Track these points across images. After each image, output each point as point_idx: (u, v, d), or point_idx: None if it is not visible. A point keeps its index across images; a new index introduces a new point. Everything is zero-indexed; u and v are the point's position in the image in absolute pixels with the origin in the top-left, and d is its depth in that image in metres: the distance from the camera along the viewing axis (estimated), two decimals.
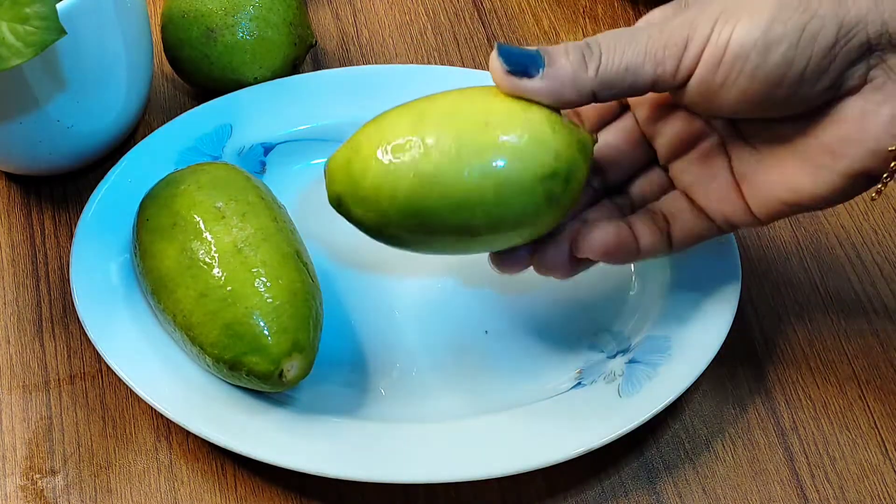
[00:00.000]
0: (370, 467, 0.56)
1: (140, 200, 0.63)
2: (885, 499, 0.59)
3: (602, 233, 0.56)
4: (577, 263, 0.57)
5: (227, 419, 0.58)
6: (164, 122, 0.68)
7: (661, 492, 0.59)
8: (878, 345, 0.63)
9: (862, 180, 0.53)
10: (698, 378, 0.59)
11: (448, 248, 0.56)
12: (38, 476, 0.60)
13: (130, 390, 0.60)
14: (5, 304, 0.65)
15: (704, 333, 0.60)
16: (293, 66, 0.71)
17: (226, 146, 0.68)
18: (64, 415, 0.61)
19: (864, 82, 0.52)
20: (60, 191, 0.69)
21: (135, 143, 0.68)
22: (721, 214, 0.57)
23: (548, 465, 0.56)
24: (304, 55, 0.72)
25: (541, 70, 0.53)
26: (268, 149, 0.68)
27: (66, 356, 0.63)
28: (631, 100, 0.58)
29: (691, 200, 0.57)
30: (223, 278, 0.58)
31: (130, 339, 0.60)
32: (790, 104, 0.52)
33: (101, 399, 0.62)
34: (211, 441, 0.57)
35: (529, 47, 0.54)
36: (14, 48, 0.56)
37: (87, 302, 0.61)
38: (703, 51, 0.52)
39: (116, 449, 0.60)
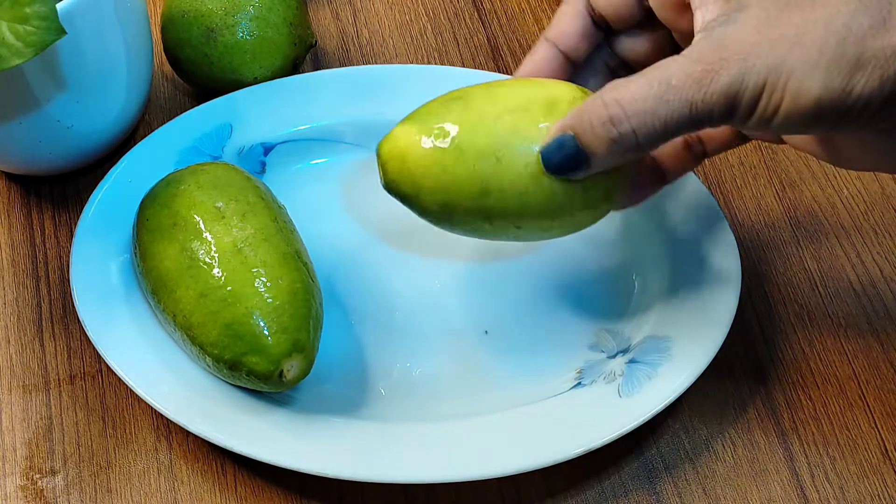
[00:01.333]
0: (370, 467, 0.56)
1: (140, 200, 0.63)
2: (885, 499, 0.59)
3: None
4: None
5: (227, 419, 0.58)
6: (164, 122, 0.68)
7: (661, 492, 0.59)
8: (878, 345, 0.63)
9: None
10: (698, 378, 0.59)
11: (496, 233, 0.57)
12: (38, 476, 0.60)
13: (130, 390, 0.60)
14: (5, 304, 0.65)
15: (704, 333, 0.60)
16: (293, 66, 0.71)
17: (226, 146, 0.68)
18: (64, 415, 0.61)
19: None
20: (60, 191, 0.69)
21: (135, 143, 0.68)
22: None
23: (548, 465, 0.56)
24: (304, 55, 0.72)
25: (587, 162, 0.52)
26: (268, 149, 0.68)
27: (66, 356, 0.63)
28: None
29: None
30: (223, 278, 0.58)
31: (130, 339, 0.60)
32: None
33: (101, 399, 0.62)
34: (211, 441, 0.57)
35: (556, 134, 0.52)
36: (14, 48, 0.56)
37: (87, 302, 0.61)
38: (747, 118, 0.49)
39: (116, 449, 0.60)
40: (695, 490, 0.59)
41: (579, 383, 0.60)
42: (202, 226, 0.59)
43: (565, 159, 0.52)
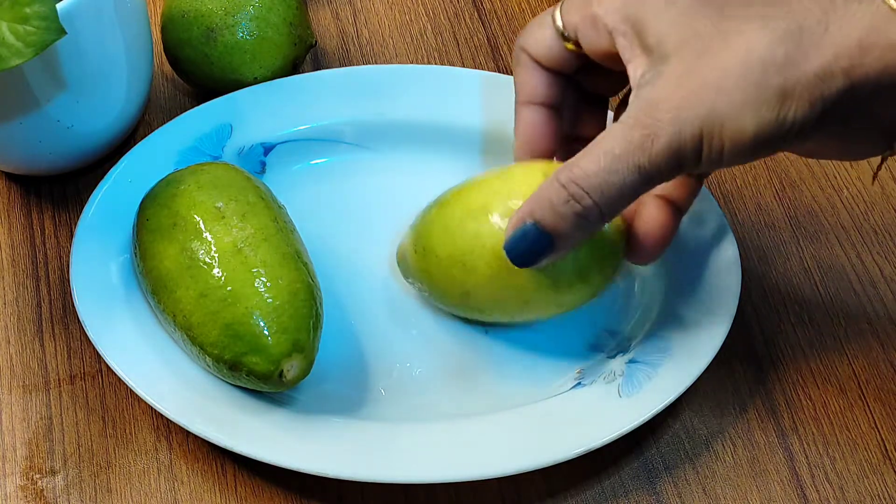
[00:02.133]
0: (370, 467, 0.56)
1: (140, 200, 0.63)
2: (885, 499, 0.59)
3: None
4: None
5: (227, 419, 0.58)
6: (164, 122, 0.68)
7: (661, 492, 0.59)
8: (878, 345, 0.63)
9: None
10: (698, 378, 0.59)
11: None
12: (38, 476, 0.60)
13: (130, 390, 0.60)
14: (5, 304, 0.65)
15: (704, 333, 0.60)
16: (293, 66, 0.71)
17: (226, 146, 0.68)
18: (64, 415, 0.61)
19: (844, 127, 0.52)
20: (60, 191, 0.69)
21: (135, 143, 0.68)
22: None
23: (548, 465, 0.56)
24: (304, 55, 0.72)
25: (553, 246, 0.53)
26: (268, 149, 0.68)
27: (66, 356, 0.63)
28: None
29: None
30: (223, 278, 0.58)
31: (130, 339, 0.60)
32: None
33: (101, 399, 0.62)
34: (211, 441, 0.57)
35: (517, 224, 0.54)
36: (14, 48, 0.56)
37: (87, 302, 0.61)
38: (695, 166, 0.51)
39: (116, 449, 0.60)
40: (695, 490, 0.59)
41: (579, 383, 0.60)
42: (202, 226, 0.59)
43: (530, 247, 0.54)
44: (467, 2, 0.78)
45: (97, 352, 0.61)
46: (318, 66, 0.75)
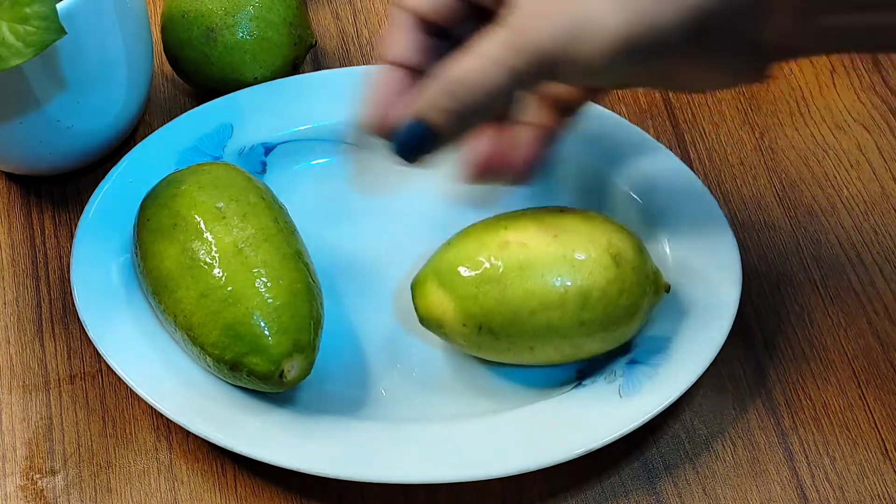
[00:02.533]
0: (370, 467, 0.56)
1: (140, 200, 0.63)
2: (885, 499, 0.59)
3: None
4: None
5: (227, 419, 0.58)
6: (164, 122, 0.68)
7: (661, 492, 0.59)
8: (878, 345, 0.63)
9: None
10: (698, 378, 0.59)
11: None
12: (38, 476, 0.60)
13: (130, 390, 0.60)
14: (5, 304, 0.65)
15: (704, 333, 0.60)
16: (293, 66, 0.71)
17: (226, 146, 0.68)
18: (64, 415, 0.61)
19: (718, 47, 0.52)
20: (60, 191, 0.69)
21: (135, 143, 0.68)
22: None
23: (548, 466, 0.56)
24: (304, 55, 0.72)
25: (435, 139, 0.55)
26: (268, 149, 0.68)
27: (66, 356, 0.63)
28: None
29: None
30: (224, 279, 0.58)
31: (130, 339, 0.60)
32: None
33: (101, 399, 0.62)
34: (211, 441, 0.57)
35: (412, 121, 0.55)
36: (14, 48, 0.56)
37: (87, 302, 0.61)
38: (566, 72, 0.52)
39: (116, 449, 0.60)
40: (695, 490, 0.59)
41: (579, 383, 0.60)
42: (203, 226, 0.59)
43: (417, 142, 0.55)
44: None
45: (97, 352, 0.61)
46: (318, 66, 0.75)
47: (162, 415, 0.59)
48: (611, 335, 0.58)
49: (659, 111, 0.72)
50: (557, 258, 0.57)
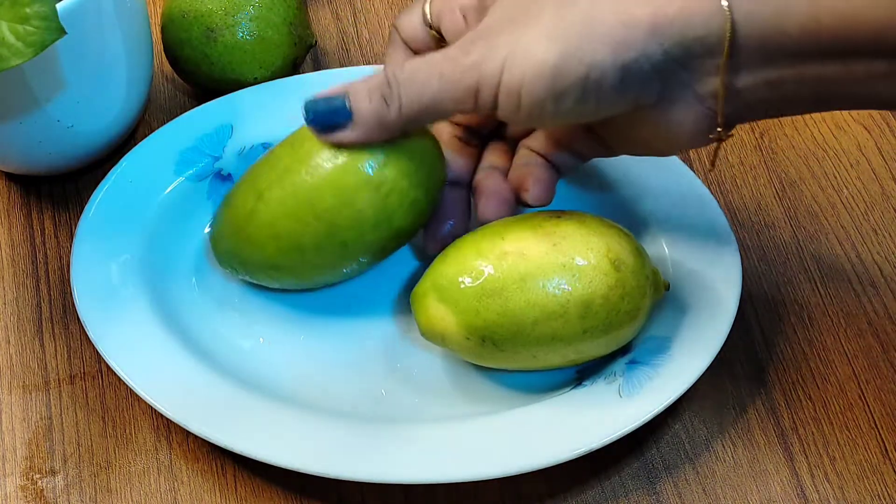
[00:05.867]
0: (370, 467, 0.56)
1: (140, 201, 0.63)
2: (885, 499, 0.59)
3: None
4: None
5: (227, 419, 0.58)
6: (164, 122, 0.68)
7: (661, 492, 0.59)
8: (878, 345, 0.63)
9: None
10: (698, 378, 0.59)
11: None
12: (38, 476, 0.60)
13: (130, 390, 0.60)
14: (5, 304, 0.65)
15: (704, 333, 0.60)
16: (293, 66, 0.71)
17: (226, 146, 0.68)
18: (64, 415, 0.61)
19: (661, 97, 0.53)
20: (60, 191, 0.69)
21: (135, 143, 0.68)
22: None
23: (548, 465, 0.56)
24: (304, 55, 0.72)
25: (349, 122, 0.56)
26: (269, 149, 0.68)
27: (66, 356, 0.63)
28: None
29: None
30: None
31: (130, 339, 0.60)
32: (601, 118, 0.55)
33: (101, 399, 0.62)
34: (211, 441, 0.57)
35: (334, 93, 0.56)
36: (14, 48, 0.56)
37: (87, 302, 0.61)
38: (496, 95, 0.54)
39: (116, 449, 0.60)
40: (695, 490, 0.59)
41: (579, 384, 0.60)
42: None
43: (330, 115, 0.56)
44: None
45: (97, 352, 0.61)
46: (318, 66, 0.75)
47: (162, 415, 0.59)
48: (613, 339, 0.58)
49: None
50: (557, 267, 0.57)
